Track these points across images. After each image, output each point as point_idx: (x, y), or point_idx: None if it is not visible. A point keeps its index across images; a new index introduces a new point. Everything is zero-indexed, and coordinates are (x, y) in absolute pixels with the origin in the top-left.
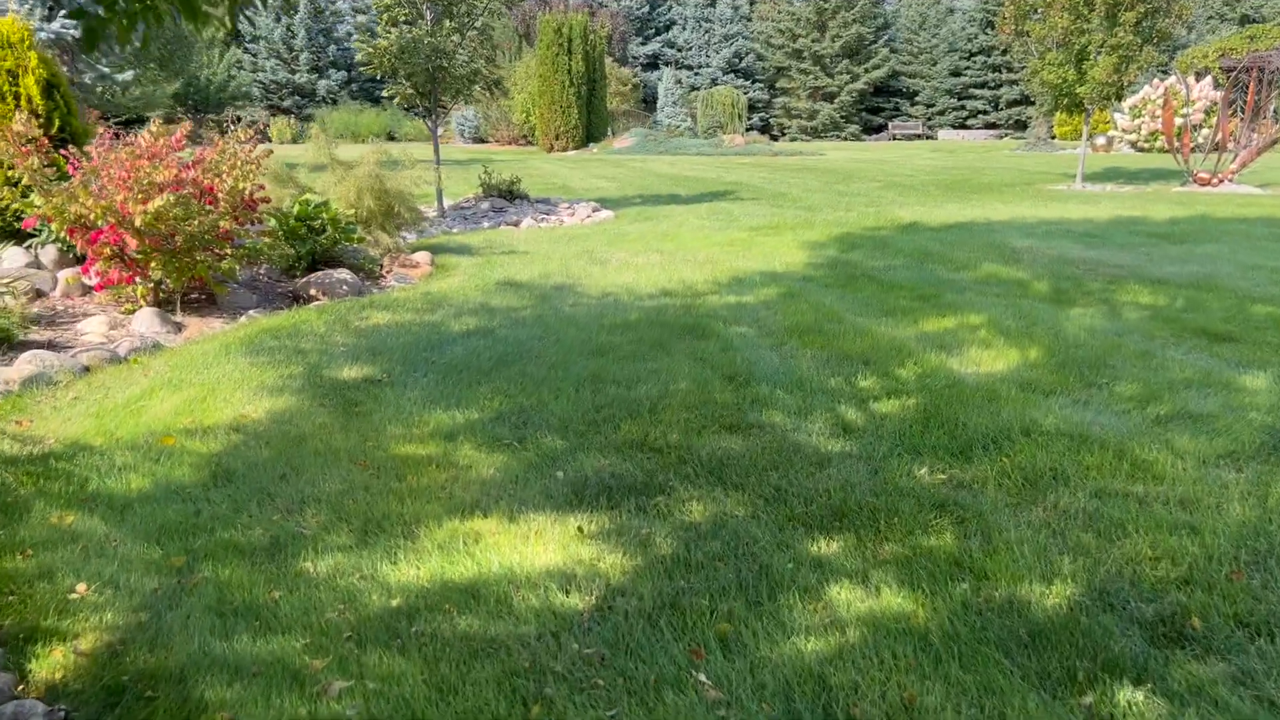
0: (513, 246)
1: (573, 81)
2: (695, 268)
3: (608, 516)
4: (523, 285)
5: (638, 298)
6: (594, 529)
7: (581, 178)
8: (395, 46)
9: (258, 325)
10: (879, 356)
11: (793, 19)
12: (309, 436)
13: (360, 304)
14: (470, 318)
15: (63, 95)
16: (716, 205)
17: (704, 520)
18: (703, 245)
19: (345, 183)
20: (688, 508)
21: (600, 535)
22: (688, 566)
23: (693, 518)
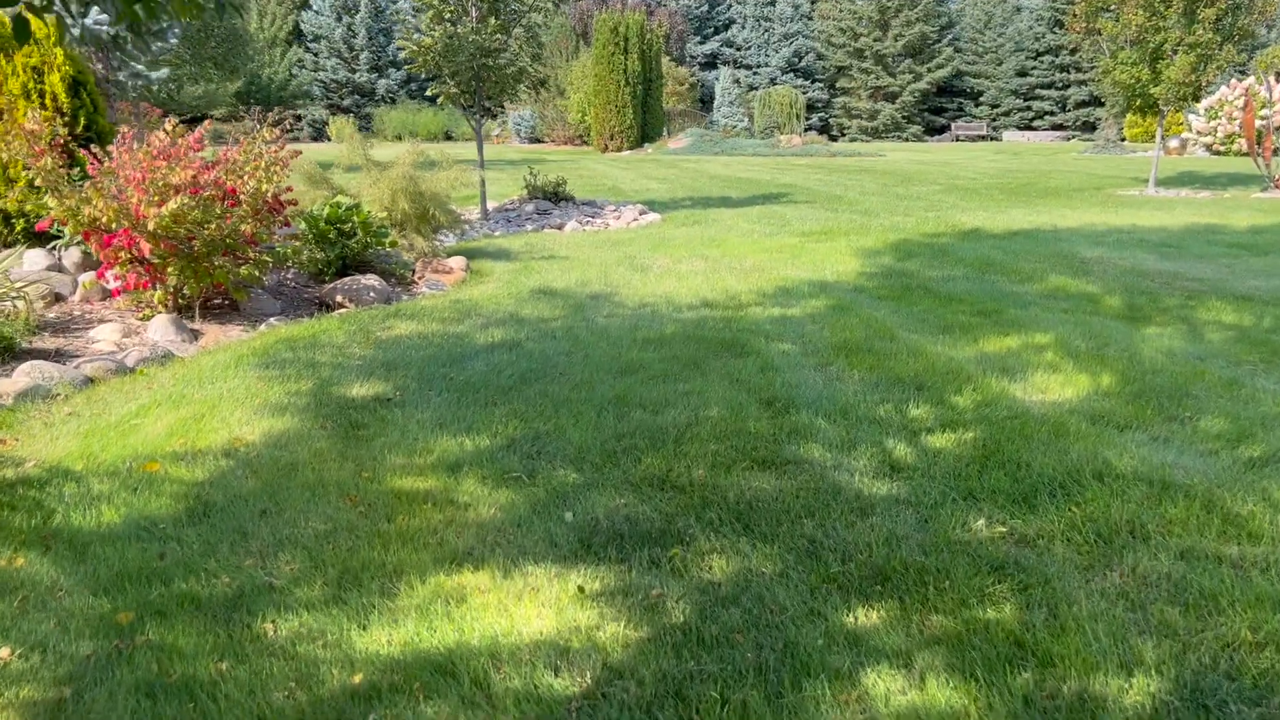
0: (553, 251)
1: (628, 81)
2: (740, 276)
3: (615, 572)
4: (558, 294)
5: (676, 309)
6: (597, 587)
7: (632, 179)
8: (440, 45)
9: (276, 335)
10: (934, 380)
11: (854, 18)
12: (301, 465)
13: (386, 312)
14: (498, 329)
15: (89, 93)
16: (768, 209)
17: (725, 579)
18: (750, 251)
19: (379, 185)
20: (707, 562)
21: (604, 596)
22: (700, 641)
23: (712, 575)
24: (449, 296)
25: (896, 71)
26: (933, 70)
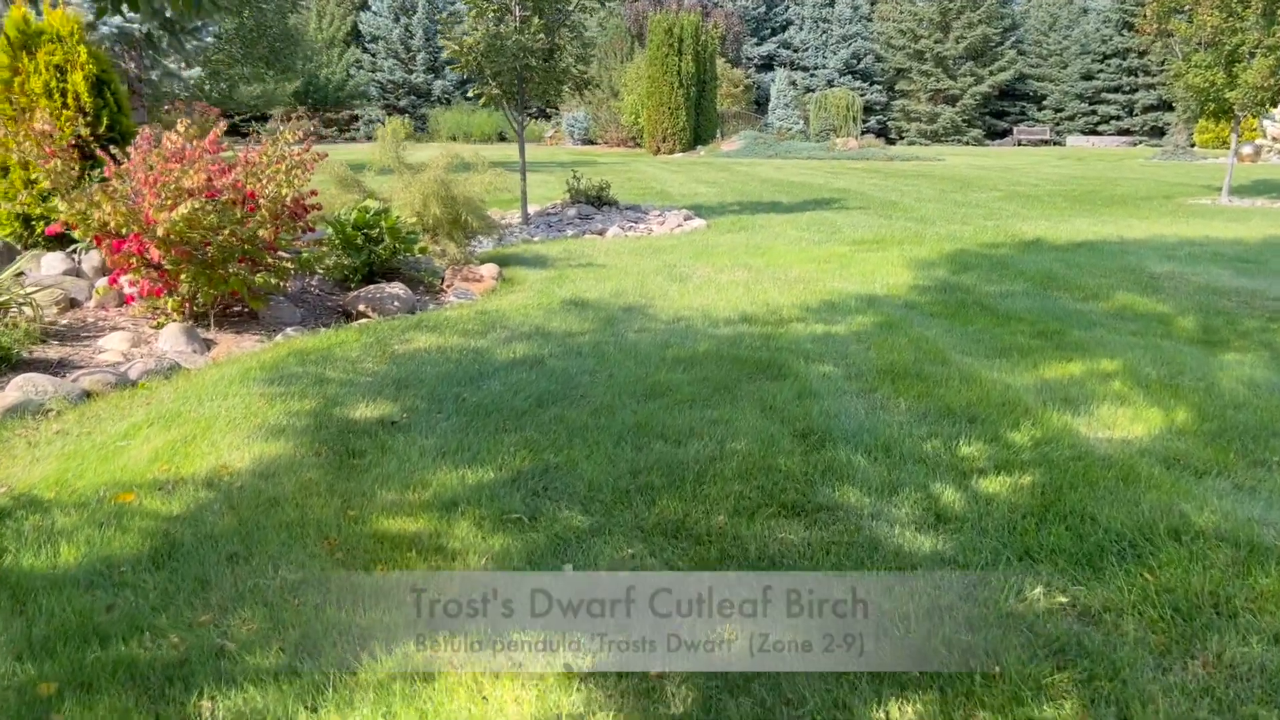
0: (591, 258)
1: (682, 83)
2: (783, 288)
3: (612, 644)
4: (589, 305)
5: (712, 323)
6: (589, 663)
7: (682, 182)
8: (482, 44)
9: (290, 347)
10: (988, 413)
11: (915, 19)
12: (285, 500)
13: (408, 323)
14: (521, 344)
15: (114, 92)
16: (819, 215)
17: (739, 656)
18: (796, 261)
19: (411, 189)
20: (719, 634)
21: (594, 678)
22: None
23: (722, 652)
24: (476, 307)
25: (957, 74)
26: (994, 73)
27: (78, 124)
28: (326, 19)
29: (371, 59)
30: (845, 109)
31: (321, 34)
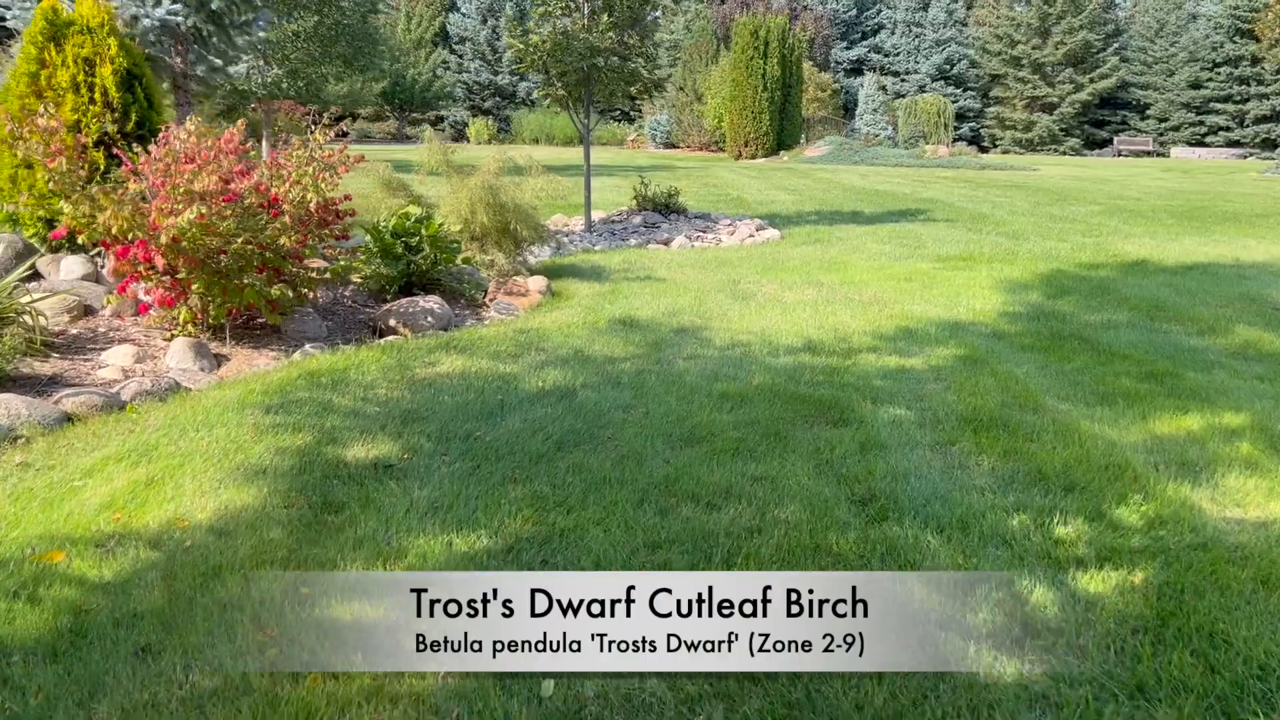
0: (650, 271)
1: (766, 86)
2: (856, 310)
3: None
4: (639, 326)
5: (771, 351)
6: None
7: (759, 189)
8: (548, 43)
9: (303, 367)
10: (1089, 479)
11: (1012, 24)
12: (231, 570)
13: (437, 343)
14: (555, 370)
15: (145, 88)
16: (902, 227)
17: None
18: (873, 278)
19: (458, 194)
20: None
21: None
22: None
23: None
24: (515, 324)
25: (1055, 81)
26: (1095, 80)
27: (105, 120)
28: (415, 20)
29: (458, 60)
30: (936, 115)
31: (409, 35)
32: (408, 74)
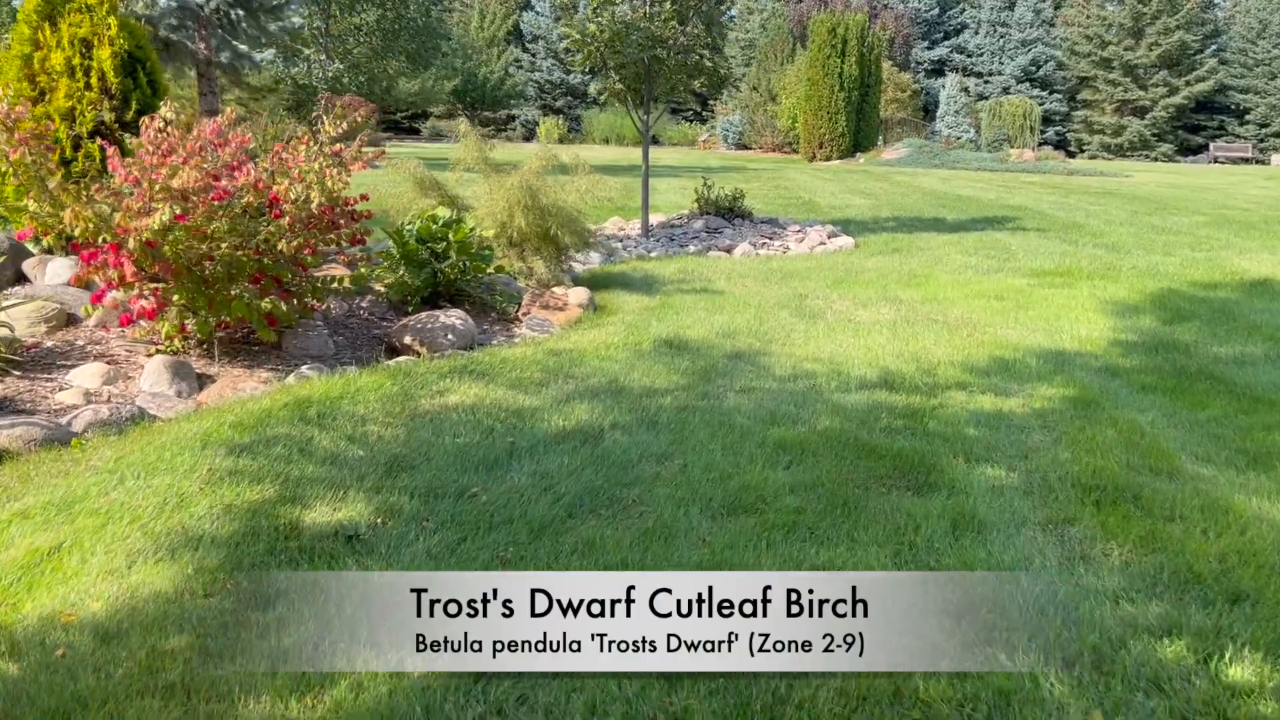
0: (708, 282)
1: (843, 86)
2: (941, 335)
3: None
4: (688, 348)
5: (842, 384)
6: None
7: (833, 192)
8: (606, 33)
9: (293, 394)
10: (1260, 585)
11: (1103, 24)
12: (99, 699)
13: (453, 366)
14: (583, 405)
15: (149, 72)
16: (989, 236)
17: None
18: (960, 295)
19: (495, 195)
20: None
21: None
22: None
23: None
24: (546, 344)
25: (1148, 84)
26: (1191, 83)
27: (102, 108)
28: (488, 18)
29: (531, 59)
30: (1022, 118)
31: (482, 33)
32: (479, 72)
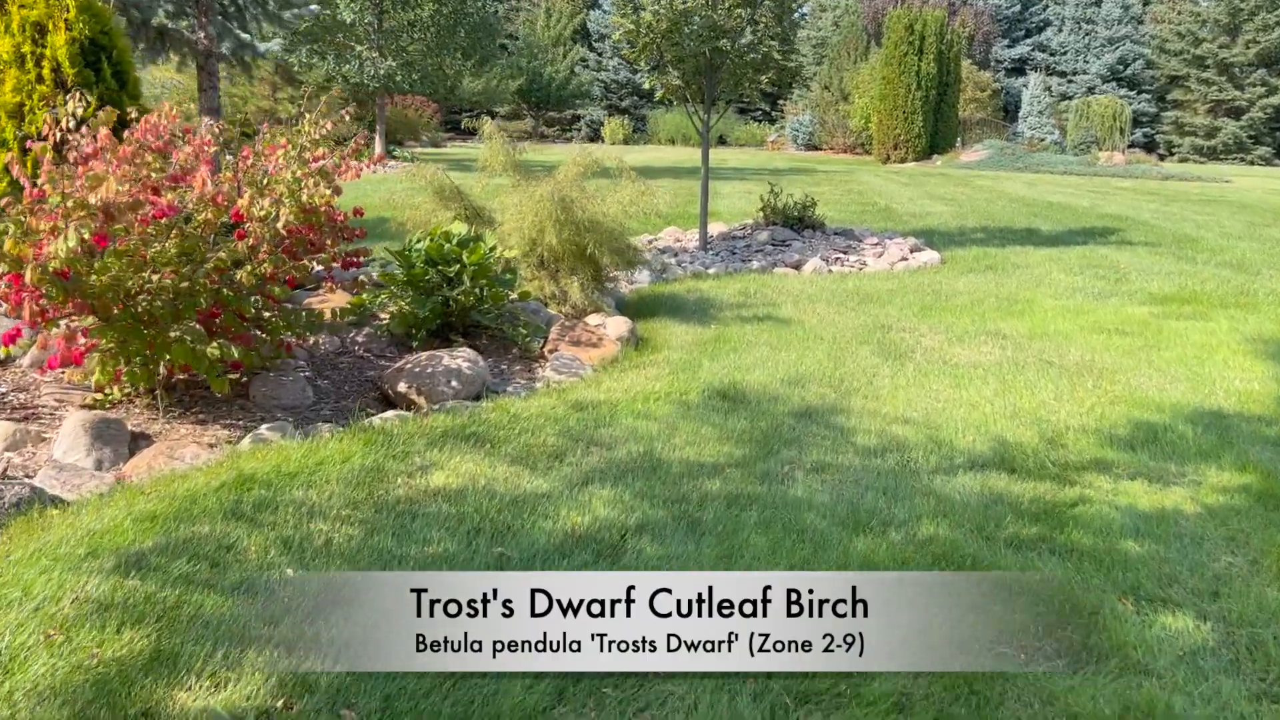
0: (773, 307)
1: (920, 85)
2: (1062, 384)
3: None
4: (745, 401)
5: (945, 462)
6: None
7: (911, 198)
8: (663, 23)
9: (236, 468)
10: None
11: (1196, 20)
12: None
13: (451, 426)
14: (605, 492)
15: (115, 63)
16: (1092, 251)
17: None
18: (1074, 328)
19: (523, 207)
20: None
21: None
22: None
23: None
24: (572, 394)
25: (1245, 83)
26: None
27: (55, 104)
28: (554, 17)
29: (597, 58)
30: (1111, 119)
31: (548, 31)
32: (545, 72)
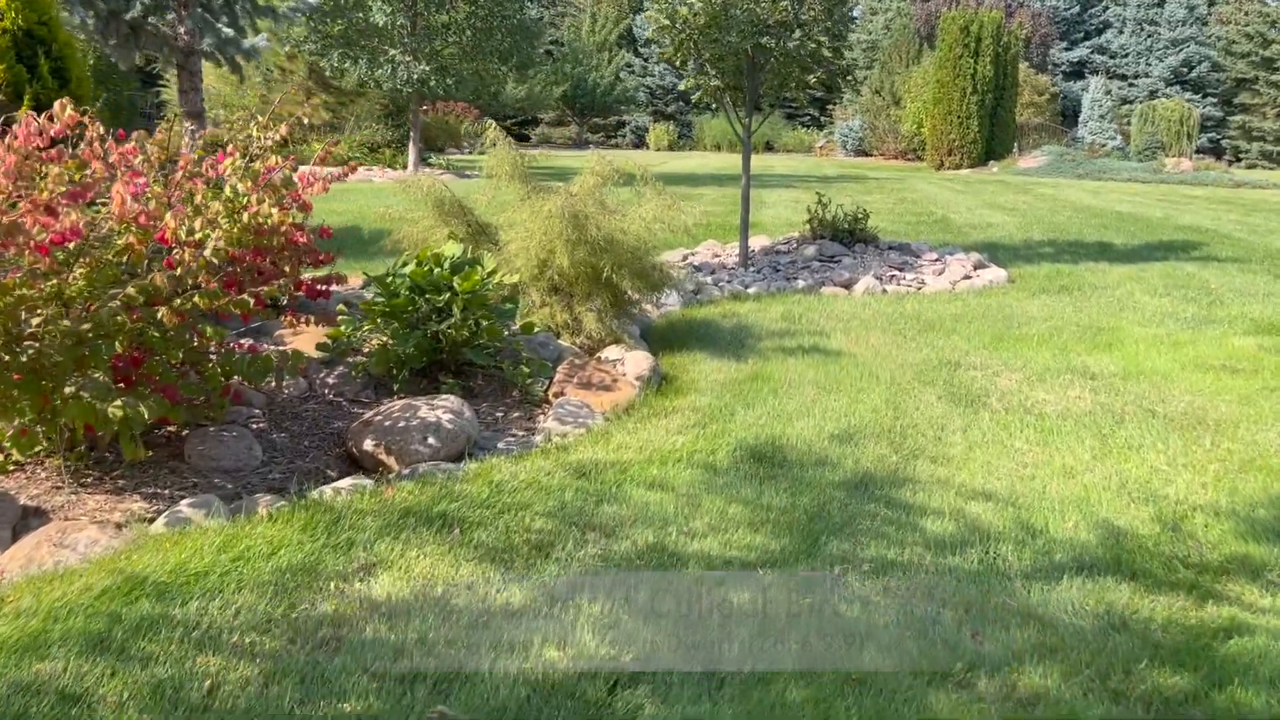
0: (821, 336)
1: (976, 88)
2: (1173, 442)
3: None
4: (786, 466)
5: (1041, 562)
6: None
7: (969, 207)
8: (701, 16)
9: (125, 569)
10: None
11: (1265, 21)
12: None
13: (412, 504)
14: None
15: (55, 58)
16: (1175, 268)
17: None
18: (1173, 365)
19: (531, 224)
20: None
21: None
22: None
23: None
24: (574, 455)
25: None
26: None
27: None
28: (599, 22)
29: (643, 63)
30: (1178, 123)
31: (593, 37)
32: (589, 77)
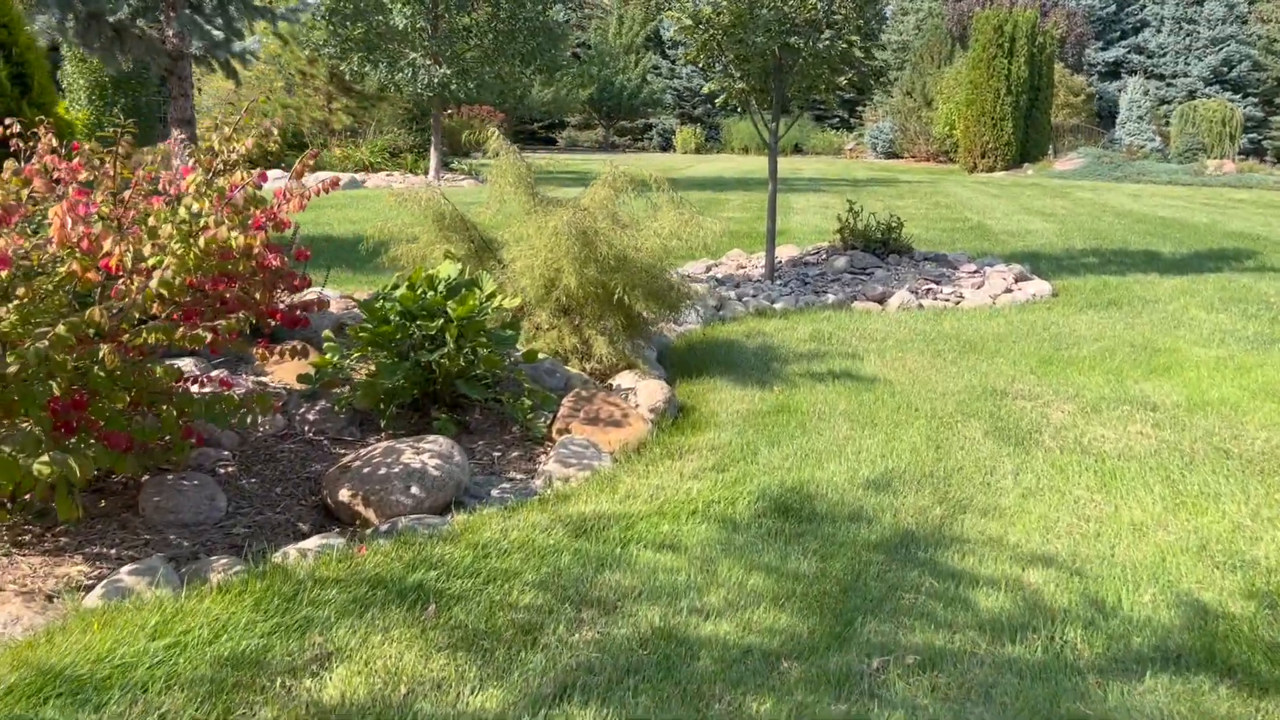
0: (853, 359)
1: (1010, 89)
2: (1254, 490)
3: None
4: (815, 521)
5: (1119, 648)
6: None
7: (1005, 212)
8: (725, 15)
9: (34, 660)
10: None
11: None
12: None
13: (381, 574)
14: (584, 715)
15: (18, 63)
16: (1231, 281)
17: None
18: (1241, 393)
19: (535, 240)
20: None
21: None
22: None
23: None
24: (574, 506)
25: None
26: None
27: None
28: (626, 24)
29: (670, 66)
30: (1220, 124)
31: (619, 39)
32: (616, 80)
